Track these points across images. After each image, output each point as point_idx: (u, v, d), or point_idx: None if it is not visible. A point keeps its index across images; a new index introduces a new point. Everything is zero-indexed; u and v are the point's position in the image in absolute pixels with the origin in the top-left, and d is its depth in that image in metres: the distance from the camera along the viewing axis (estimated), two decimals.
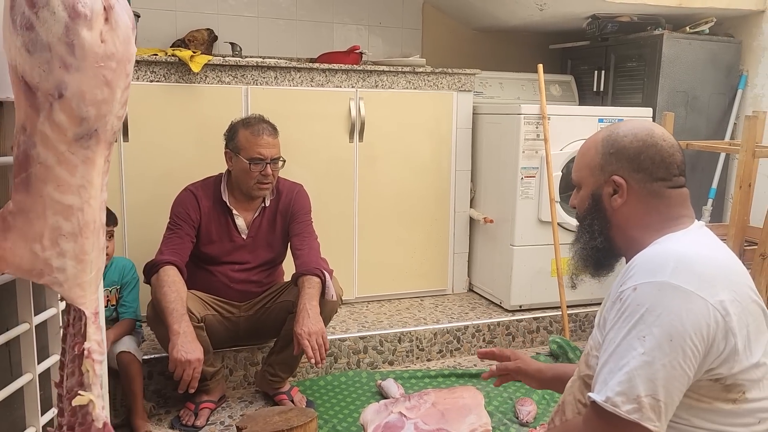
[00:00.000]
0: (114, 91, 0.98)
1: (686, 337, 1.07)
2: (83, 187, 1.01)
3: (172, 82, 2.63)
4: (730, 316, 1.10)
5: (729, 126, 3.35)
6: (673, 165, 1.24)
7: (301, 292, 2.13)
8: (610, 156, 1.26)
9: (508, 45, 3.95)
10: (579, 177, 1.33)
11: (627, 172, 1.24)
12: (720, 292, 1.11)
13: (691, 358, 1.07)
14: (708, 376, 1.11)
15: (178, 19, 3.27)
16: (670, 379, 1.07)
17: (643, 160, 1.23)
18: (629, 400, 1.07)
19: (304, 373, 2.57)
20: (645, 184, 1.23)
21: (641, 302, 1.11)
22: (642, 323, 1.09)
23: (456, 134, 3.15)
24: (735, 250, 2.31)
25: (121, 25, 0.96)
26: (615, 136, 1.27)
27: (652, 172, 1.23)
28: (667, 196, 1.24)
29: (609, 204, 1.26)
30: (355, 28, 3.65)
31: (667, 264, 1.12)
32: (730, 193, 3.40)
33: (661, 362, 1.07)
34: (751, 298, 1.17)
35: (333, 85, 2.89)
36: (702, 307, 1.08)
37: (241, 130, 2.25)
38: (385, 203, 3.07)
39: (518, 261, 2.99)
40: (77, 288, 1.06)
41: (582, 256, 1.34)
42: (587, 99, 3.60)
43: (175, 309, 2.01)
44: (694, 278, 1.10)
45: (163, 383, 2.33)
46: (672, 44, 3.18)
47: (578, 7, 3.19)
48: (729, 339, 1.10)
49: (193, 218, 2.26)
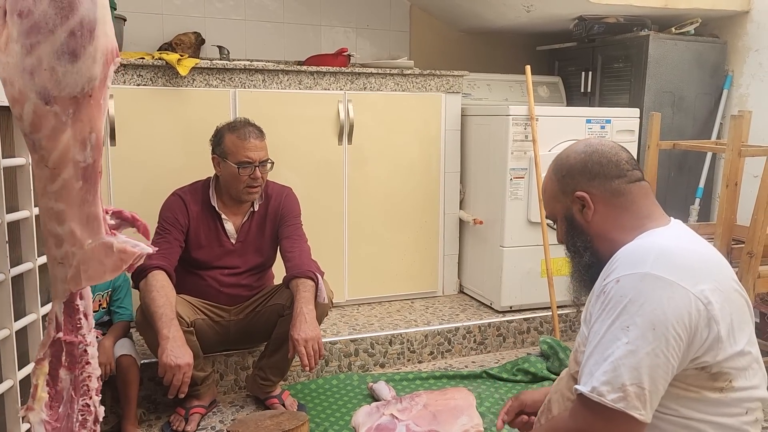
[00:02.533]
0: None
1: (669, 325, 1.09)
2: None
3: (159, 85, 2.62)
4: (711, 305, 1.12)
5: (715, 126, 3.37)
6: (621, 161, 1.30)
7: (296, 295, 2.12)
8: (564, 179, 1.34)
9: (496, 47, 3.96)
10: (550, 210, 1.40)
11: (584, 183, 1.31)
12: (701, 282, 1.13)
13: (674, 346, 1.10)
14: (694, 365, 1.13)
15: (165, 23, 3.26)
16: (654, 367, 1.09)
17: (591, 167, 1.30)
18: (614, 389, 1.09)
19: (295, 376, 2.55)
20: (605, 187, 1.29)
21: (624, 293, 1.13)
22: (625, 314, 1.12)
23: (445, 136, 3.15)
24: (722, 248, 2.32)
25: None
26: (560, 161, 1.36)
27: (605, 173, 1.29)
28: (628, 191, 1.29)
29: (582, 219, 1.32)
30: (343, 30, 3.65)
31: (648, 255, 1.16)
32: (717, 192, 3.42)
33: (644, 351, 1.09)
34: (733, 287, 1.20)
35: (321, 88, 2.88)
36: (683, 296, 1.11)
37: (227, 135, 2.24)
38: (375, 205, 3.06)
39: (508, 262, 2.99)
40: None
41: (578, 278, 1.38)
42: (575, 100, 3.62)
43: (164, 314, 2.00)
44: (675, 269, 1.13)
45: (153, 388, 2.31)
46: (658, 45, 3.20)
47: (565, 9, 3.21)
48: (712, 327, 1.12)
49: (182, 223, 2.25)
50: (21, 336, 1.26)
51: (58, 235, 1.02)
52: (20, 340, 1.25)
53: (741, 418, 1.17)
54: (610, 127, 3.06)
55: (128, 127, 2.58)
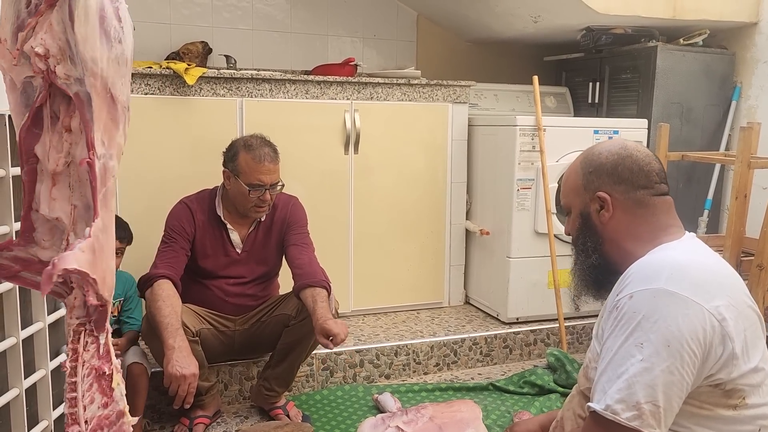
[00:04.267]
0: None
1: (683, 342, 1.07)
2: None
3: (166, 94, 2.62)
4: (726, 321, 1.10)
5: (724, 137, 3.35)
6: (651, 173, 1.27)
7: (316, 305, 2.06)
8: (590, 174, 1.30)
9: (503, 57, 3.96)
10: (566, 201, 1.37)
11: (609, 186, 1.28)
12: (715, 298, 1.11)
13: (689, 363, 1.08)
14: (708, 382, 1.12)
15: (173, 32, 3.27)
16: (669, 384, 1.07)
17: (621, 171, 1.27)
18: (629, 407, 1.07)
19: (299, 387, 2.54)
20: (629, 194, 1.26)
21: (638, 309, 1.11)
22: (639, 330, 1.10)
23: (451, 146, 3.15)
24: (732, 261, 2.30)
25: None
26: (591, 156, 1.32)
27: (632, 181, 1.26)
28: (652, 204, 1.26)
29: (598, 220, 1.29)
30: (350, 40, 3.66)
31: (662, 271, 1.14)
32: (725, 204, 3.40)
33: (659, 368, 1.07)
34: (746, 303, 1.18)
35: (328, 97, 2.88)
36: (698, 312, 1.09)
37: (242, 153, 2.20)
38: (381, 215, 3.06)
39: (515, 273, 2.97)
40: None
41: (581, 277, 1.36)
42: (582, 111, 3.61)
43: (169, 323, 1.99)
44: (689, 284, 1.11)
45: (158, 398, 2.29)
46: (666, 56, 3.19)
47: (572, 20, 3.20)
48: (726, 344, 1.10)
49: (188, 232, 2.24)
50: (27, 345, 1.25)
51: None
52: (26, 348, 1.24)
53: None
54: (618, 138, 3.05)
55: (135, 136, 2.58)
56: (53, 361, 1.34)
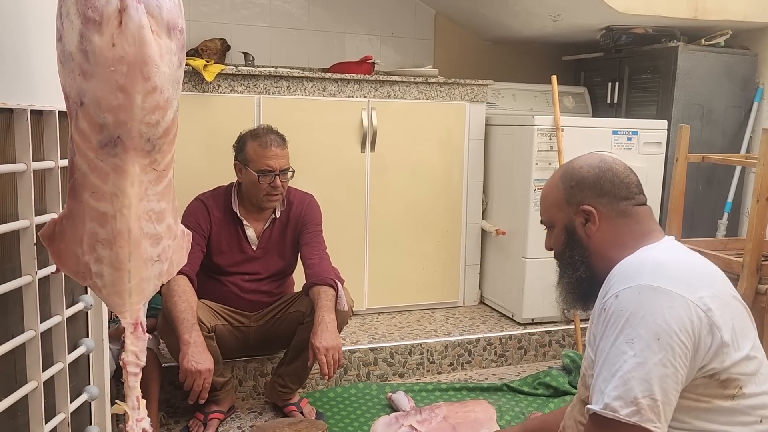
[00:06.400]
0: (131, 96, 0.95)
1: (672, 334, 1.09)
2: (115, 196, 1.00)
3: (185, 91, 2.64)
4: (712, 311, 1.12)
5: (745, 139, 3.31)
6: (631, 184, 1.31)
7: (318, 303, 2.10)
8: (573, 189, 1.33)
9: (521, 56, 3.94)
10: (548, 217, 1.39)
11: (593, 199, 1.31)
12: (699, 290, 1.14)
13: (681, 355, 1.09)
14: (702, 374, 1.13)
15: (192, 29, 3.28)
16: (664, 377, 1.08)
17: (603, 184, 1.30)
18: (627, 403, 1.07)
19: (313, 384, 2.54)
20: (612, 206, 1.30)
21: (624, 307, 1.14)
22: (628, 327, 1.12)
23: (468, 145, 3.13)
24: (752, 265, 2.27)
25: (130, 26, 0.92)
26: (572, 171, 1.35)
27: (615, 193, 1.30)
28: (634, 213, 1.30)
29: (583, 233, 1.32)
30: (368, 38, 3.65)
31: (644, 269, 1.17)
32: (745, 207, 3.35)
33: (652, 362, 1.08)
34: (730, 294, 1.21)
35: (345, 95, 2.88)
36: (683, 304, 1.11)
37: (249, 142, 2.24)
38: (397, 214, 3.05)
39: (530, 273, 2.95)
40: (115, 295, 1.06)
41: (569, 290, 1.38)
42: (601, 111, 3.58)
43: (185, 319, 2.00)
44: (672, 279, 1.14)
45: (173, 393, 2.31)
46: (687, 56, 3.15)
47: (592, 19, 3.18)
48: (714, 333, 1.12)
49: (204, 228, 2.25)
50: (46, 338, 1.26)
51: (156, 234, 1.05)
52: (45, 341, 1.25)
53: (756, 426, 1.15)
54: (637, 138, 3.01)
55: None
56: (71, 354, 1.35)
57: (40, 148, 1.23)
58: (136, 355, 1.10)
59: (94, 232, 1.02)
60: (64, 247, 1.07)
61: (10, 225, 1.14)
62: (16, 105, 1.14)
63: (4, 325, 1.17)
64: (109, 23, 0.91)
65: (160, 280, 1.10)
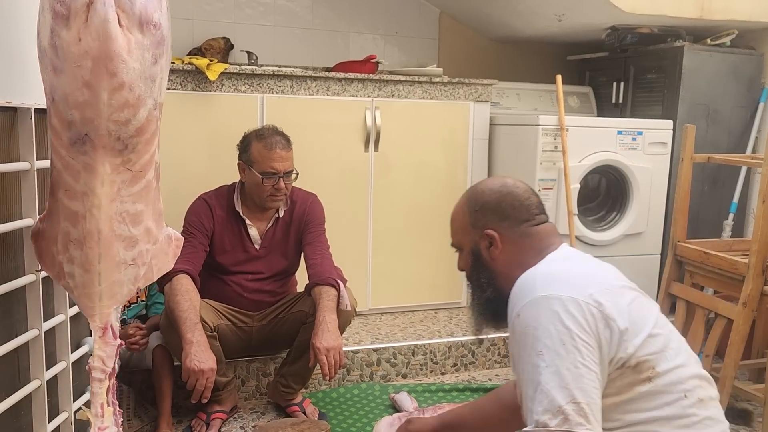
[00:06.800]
0: (96, 93, 0.91)
1: (574, 336, 1.14)
2: (86, 195, 0.97)
3: (188, 90, 2.63)
4: (602, 305, 1.17)
5: (750, 140, 3.29)
6: (531, 206, 1.38)
7: (319, 303, 2.10)
8: (477, 213, 1.40)
9: (526, 55, 3.92)
10: (456, 240, 1.46)
11: (495, 222, 1.37)
12: (587, 288, 1.20)
13: (588, 354, 1.14)
14: (614, 367, 1.17)
15: (195, 28, 3.28)
16: (579, 378, 1.12)
17: (504, 208, 1.37)
18: (554, 414, 1.11)
19: (316, 384, 2.53)
20: (514, 229, 1.36)
21: (526, 324, 1.19)
22: (534, 341, 1.17)
23: (472, 145, 3.12)
24: (757, 266, 2.26)
25: (95, 20, 0.88)
26: (475, 195, 1.42)
27: (516, 216, 1.37)
28: (535, 233, 1.37)
29: (488, 256, 1.38)
30: (372, 37, 3.64)
31: (535, 282, 1.24)
32: (751, 207, 3.34)
33: (564, 367, 1.12)
34: (619, 285, 1.26)
35: (349, 95, 2.87)
36: (576, 305, 1.16)
37: (254, 143, 2.22)
38: (400, 214, 3.04)
39: None
40: (85, 297, 1.04)
41: (479, 311, 1.44)
42: (605, 111, 3.57)
43: (188, 318, 1.99)
44: (560, 284, 1.21)
45: (175, 392, 2.30)
46: (693, 56, 3.14)
47: (597, 18, 3.16)
48: (610, 324, 1.17)
49: (207, 227, 2.25)
50: (49, 336, 1.26)
51: (130, 237, 1.02)
52: (48, 340, 1.25)
53: (682, 402, 1.18)
54: (642, 139, 3.00)
55: None
56: (74, 353, 1.35)
57: (44, 147, 1.23)
58: (102, 361, 1.06)
59: (67, 232, 1.00)
60: (44, 246, 1.05)
61: (14, 223, 1.14)
62: (20, 104, 1.14)
63: (8, 324, 1.17)
64: (77, 18, 0.89)
65: (135, 285, 1.06)
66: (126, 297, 1.07)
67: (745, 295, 2.24)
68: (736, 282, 2.31)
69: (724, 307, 2.34)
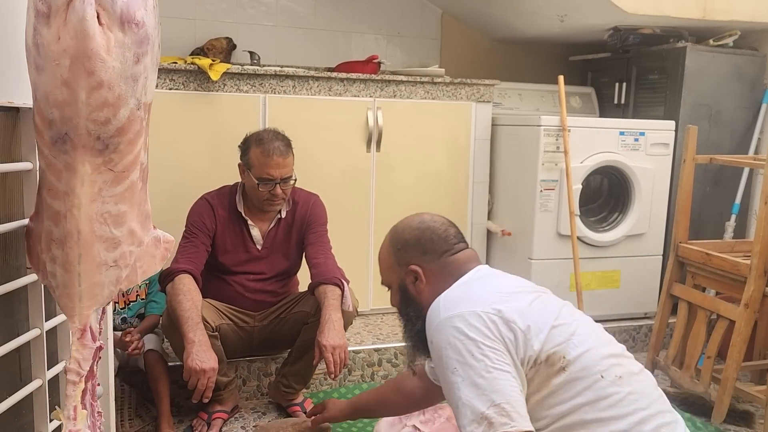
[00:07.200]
0: (75, 92, 0.90)
1: (479, 345, 1.21)
2: (67, 194, 0.96)
3: (190, 90, 2.64)
4: (501, 311, 1.25)
5: (753, 141, 3.29)
6: (449, 237, 1.47)
7: (324, 302, 2.10)
8: (400, 251, 1.48)
9: (528, 56, 3.92)
10: (385, 279, 1.55)
11: (418, 258, 1.45)
12: (486, 299, 1.28)
13: (498, 358, 1.20)
14: (528, 366, 1.23)
15: (197, 28, 3.29)
16: (493, 382, 1.17)
17: (424, 243, 1.45)
18: (479, 422, 1.16)
19: (317, 384, 2.54)
20: (435, 261, 1.44)
21: (438, 347, 1.27)
22: (447, 361, 1.24)
23: (474, 145, 3.12)
24: (759, 267, 2.25)
25: (73, 18, 0.87)
26: (396, 235, 1.51)
27: (435, 249, 1.45)
28: (454, 261, 1.45)
29: (415, 290, 1.46)
30: (374, 37, 3.64)
31: (438, 309, 1.31)
32: (753, 209, 3.33)
33: (477, 376, 1.19)
34: (518, 289, 1.35)
35: (351, 95, 2.87)
36: (475, 316, 1.24)
37: (253, 147, 2.21)
38: (402, 214, 2.97)
39: (536, 275, 2.94)
40: (65, 297, 1.02)
41: (412, 343, 1.50)
42: (608, 111, 3.56)
43: (190, 317, 2.00)
44: (458, 303, 1.29)
45: (176, 392, 2.31)
46: (695, 57, 3.13)
47: (600, 19, 3.16)
48: (512, 327, 1.23)
49: (209, 227, 2.25)
50: (50, 336, 1.26)
51: (112, 238, 1.01)
52: (50, 340, 1.25)
53: (600, 384, 1.22)
54: (644, 139, 3.00)
55: (159, 131, 2.60)
56: None
57: None
58: (78, 363, 1.04)
59: (50, 231, 1.00)
60: (32, 244, 1.05)
61: (15, 223, 1.14)
62: (23, 104, 1.14)
63: (10, 324, 1.17)
64: (57, 16, 0.88)
65: (117, 287, 1.05)
66: (107, 299, 1.05)
67: (746, 297, 2.24)
68: (738, 283, 2.31)
69: (726, 308, 2.34)
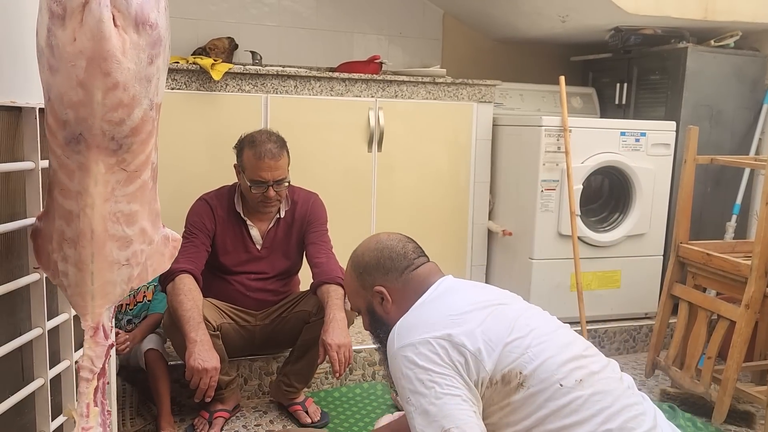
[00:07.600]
0: (90, 93, 0.92)
1: (429, 372, 1.22)
2: (80, 194, 0.97)
3: (192, 89, 2.64)
4: (451, 335, 1.25)
5: (754, 141, 3.29)
6: (408, 253, 1.47)
7: (328, 301, 2.10)
8: (362, 275, 1.48)
9: (529, 56, 3.92)
10: (353, 304, 1.56)
11: (380, 278, 1.46)
12: (436, 324, 1.28)
13: (447, 384, 1.21)
14: (483, 389, 1.24)
15: (200, 27, 3.29)
16: (443, 407, 1.19)
17: (384, 262, 1.46)
18: None
19: (319, 383, 2.54)
20: (398, 279, 1.45)
21: (395, 377, 1.30)
22: (402, 391, 1.26)
23: (475, 145, 3.13)
24: (760, 268, 2.25)
25: (89, 20, 0.88)
26: (356, 259, 1.51)
27: (396, 267, 1.45)
28: (416, 275, 1.45)
29: (383, 311, 1.46)
30: (375, 37, 3.65)
31: (393, 338, 1.32)
32: (754, 209, 3.33)
33: (428, 403, 1.20)
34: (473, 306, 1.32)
35: (352, 95, 2.88)
36: (425, 343, 1.25)
37: (246, 149, 2.19)
38: (403, 214, 3.05)
39: (537, 275, 2.94)
40: (78, 296, 1.03)
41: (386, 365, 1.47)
42: (609, 112, 3.56)
43: (191, 317, 2.00)
44: (410, 332, 1.29)
45: (178, 391, 2.32)
46: (696, 57, 3.13)
47: (601, 20, 3.16)
48: (461, 350, 1.24)
49: (209, 227, 2.25)
50: (52, 335, 1.27)
51: (124, 237, 1.02)
52: (52, 339, 1.26)
53: (560, 392, 1.21)
54: (645, 140, 3.00)
55: (160, 131, 2.58)
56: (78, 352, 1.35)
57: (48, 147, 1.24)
58: (92, 361, 1.06)
59: (62, 230, 1.00)
60: (41, 244, 1.05)
61: (18, 223, 1.14)
62: (25, 103, 1.15)
63: (12, 323, 1.18)
64: (72, 17, 0.89)
65: (129, 285, 1.06)
66: (119, 297, 1.07)
67: (747, 297, 2.24)
68: (738, 284, 2.31)
69: (727, 308, 2.34)
